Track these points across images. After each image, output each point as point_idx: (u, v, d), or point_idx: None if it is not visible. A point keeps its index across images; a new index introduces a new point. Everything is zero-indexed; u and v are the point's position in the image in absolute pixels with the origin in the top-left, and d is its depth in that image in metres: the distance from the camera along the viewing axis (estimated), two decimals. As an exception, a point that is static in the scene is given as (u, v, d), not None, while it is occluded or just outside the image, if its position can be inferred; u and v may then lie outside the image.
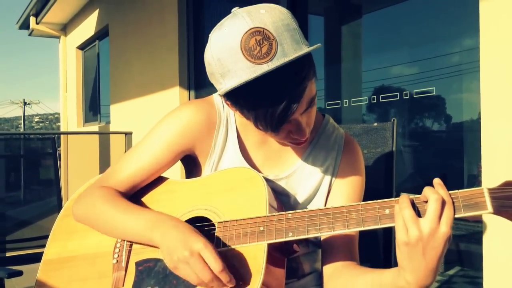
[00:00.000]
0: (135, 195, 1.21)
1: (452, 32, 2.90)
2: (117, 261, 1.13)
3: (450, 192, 0.90)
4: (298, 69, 0.95)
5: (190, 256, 0.94)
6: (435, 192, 0.87)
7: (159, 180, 1.22)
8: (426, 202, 0.88)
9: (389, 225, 0.92)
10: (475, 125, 2.48)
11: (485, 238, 2.06)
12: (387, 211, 0.93)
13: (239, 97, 0.98)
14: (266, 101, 0.94)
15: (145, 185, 1.22)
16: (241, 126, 1.20)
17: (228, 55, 0.94)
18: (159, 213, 1.10)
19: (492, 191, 0.87)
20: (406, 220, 0.86)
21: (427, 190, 0.89)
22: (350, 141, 1.25)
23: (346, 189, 1.20)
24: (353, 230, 0.94)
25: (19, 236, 3.71)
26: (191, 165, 1.25)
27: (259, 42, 0.92)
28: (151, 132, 1.21)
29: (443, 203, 0.86)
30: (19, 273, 2.06)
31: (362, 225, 0.94)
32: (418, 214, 0.89)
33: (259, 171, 1.19)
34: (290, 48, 0.93)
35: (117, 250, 1.14)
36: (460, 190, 0.89)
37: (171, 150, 1.18)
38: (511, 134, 1.98)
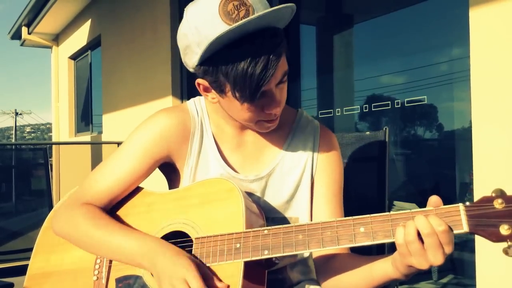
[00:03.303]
0: (113, 208, 1.19)
1: (442, 42, 2.93)
2: (97, 278, 1.11)
3: (425, 209, 0.88)
4: (273, 34, 0.99)
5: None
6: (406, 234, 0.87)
7: (137, 191, 1.20)
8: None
9: (364, 243, 0.91)
10: (466, 133, 2.50)
11: (478, 246, 2.07)
12: (362, 229, 0.91)
13: (217, 61, 0.98)
14: (245, 61, 0.96)
15: (123, 197, 1.19)
16: (217, 130, 1.20)
17: (205, 20, 0.96)
18: (146, 238, 1.08)
19: (468, 208, 0.84)
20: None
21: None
22: (326, 131, 1.25)
23: (327, 179, 1.20)
24: (329, 248, 0.94)
25: (11, 247, 3.68)
26: (171, 173, 1.24)
27: (237, 6, 0.96)
28: (126, 142, 1.19)
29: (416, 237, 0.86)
30: (10, 285, 2.03)
31: (337, 243, 0.93)
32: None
33: (238, 173, 1.18)
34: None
35: (97, 266, 1.13)
36: (436, 208, 0.86)
37: (146, 159, 1.16)
38: (502, 142, 2.00)
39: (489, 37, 2.05)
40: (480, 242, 2.06)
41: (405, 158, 3.39)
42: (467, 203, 0.85)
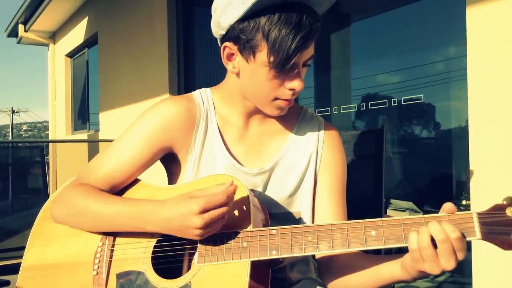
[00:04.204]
0: None
1: (440, 40, 2.93)
2: (97, 272, 1.09)
3: (438, 215, 0.88)
4: (315, 12, 1.04)
5: (201, 224, 0.95)
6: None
7: (139, 186, 1.17)
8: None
9: (376, 247, 0.90)
10: (463, 132, 2.51)
11: (474, 244, 2.08)
12: (373, 233, 0.91)
13: (261, 19, 1.00)
14: (290, 25, 0.99)
15: (124, 191, 1.17)
16: (221, 121, 1.19)
17: None
18: (143, 200, 1.08)
19: (481, 216, 0.85)
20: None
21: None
22: (330, 127, 1.26)
23: (331, 175, 1.20)
24: (339, 251, 0.94)
25: (7, 245, 3.67)
26: (172, 164, 1.22)
27: None
28: (130, 129, 1.17)
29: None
30: (7, 283, 2.03)
31: (348, 246, 0.92)
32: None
33: (242, 166, 1.18)
34: None
35: (97, 261, 1.10)
36: (449, 214, 0.87)
37: (150, 146, 1.14)
38: (498, 141, 2.00)
39: (486, 36, 2.05)
40: (477, 241, 2.06)
41: (401, 156, 3.39)
42: (480, 211, 0.86)
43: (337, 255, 1.13)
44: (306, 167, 1.19)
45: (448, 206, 0.88)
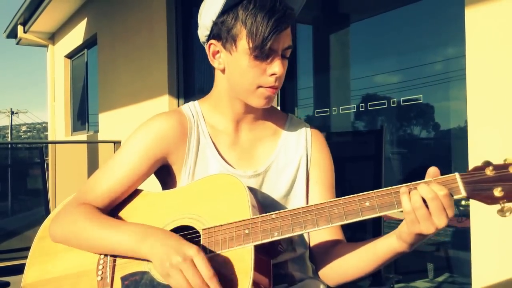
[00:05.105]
0: (113, 211, 1.19)
1: (438, 41, 2.93)
2: (102, 278, 1.11)
3: (424, 180, 0.96)
4: (287, 5, 1.11)
5: (183, 262, 0.96)
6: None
7: (137, 194, 1.20)
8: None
9: (371, 216, 0.97)
10: (462, 132, 2.51)
11: (473, 245, 2.08)
12: (367, 204, 0.97)
13: (239, 9, 1.09)
14: (264, 11, 1.07)
15: (123, 200, 1.20)
16: (212, 130, 1.24)
17: None
18: (146, 225, 1.10)
19: (463, 176, 0.93)
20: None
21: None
22: (316, 131, 1.34)
23: (321, 175, 1.28)
24: (337, 224, 0.99)
25: (6, 246, 3.67)
26: (166, 176, 1.26)
27: None
28: (125, 144, 1.22)
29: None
30: (7, 284, 2.03)
31: (345, 218, 0.98)
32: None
33: (236, 170, 1.21)
34: None
35: (100, 267, 1.12)
36: (434, 178, 0.95)
37: (146, 160, 1.19)
38: (497, 141, 2.01)
39: (485, 36, 2.06)
40: (476, 241, 2.07)
41: (401, 157, 3.40)
42: (462, 173, 0.94)
43: (331, 246, 1.19)
44: (297, 169, 1.26)
45: (432, 170, 0.97)
